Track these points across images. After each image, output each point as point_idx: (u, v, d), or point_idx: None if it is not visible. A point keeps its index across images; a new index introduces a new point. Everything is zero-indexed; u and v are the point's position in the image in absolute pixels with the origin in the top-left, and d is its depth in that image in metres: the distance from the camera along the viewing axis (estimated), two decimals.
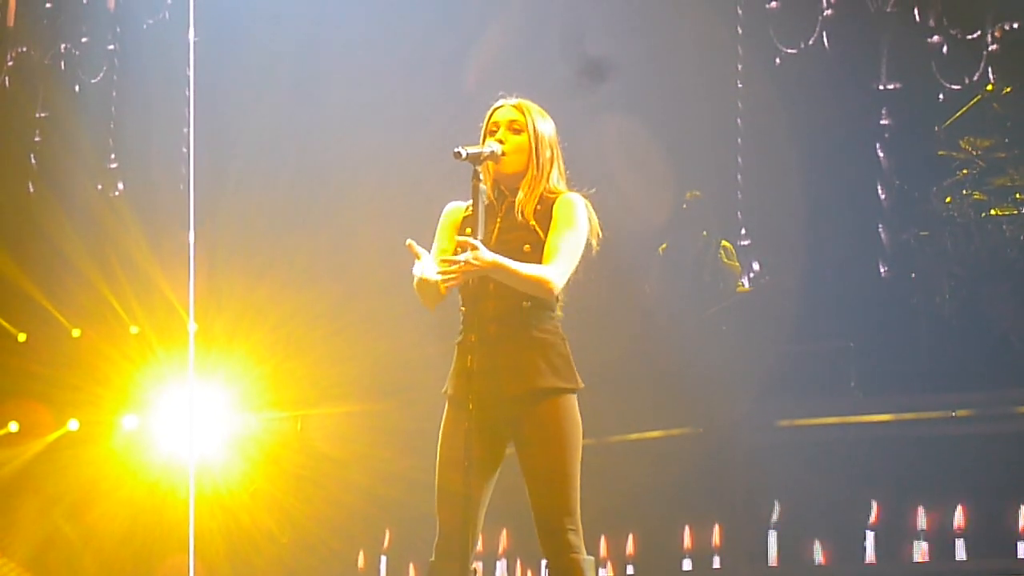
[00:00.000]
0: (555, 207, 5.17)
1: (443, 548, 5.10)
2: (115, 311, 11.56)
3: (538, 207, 5.18)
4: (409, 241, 5.10)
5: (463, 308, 5.15)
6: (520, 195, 5.19)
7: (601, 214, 5.25)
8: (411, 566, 10.30)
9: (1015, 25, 10.26)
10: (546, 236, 5.14)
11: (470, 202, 5.15)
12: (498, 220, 5.19)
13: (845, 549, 9.15)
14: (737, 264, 10.61)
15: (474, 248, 4.95)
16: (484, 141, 5.23)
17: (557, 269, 5.08)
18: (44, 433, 11.74)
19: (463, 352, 5.12)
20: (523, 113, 5.22)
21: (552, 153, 5.24)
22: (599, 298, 10.06)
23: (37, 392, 11.69)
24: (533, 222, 5.16)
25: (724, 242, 10.64)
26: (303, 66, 11.36)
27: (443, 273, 4.99)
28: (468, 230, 5.14)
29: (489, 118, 5.25)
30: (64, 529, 11.51)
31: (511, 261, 5.02)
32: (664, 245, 10.51)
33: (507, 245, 5.12)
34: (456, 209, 5.32)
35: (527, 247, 5.14)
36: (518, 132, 5.21)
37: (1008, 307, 9.63)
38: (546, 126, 5.25)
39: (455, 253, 4.98)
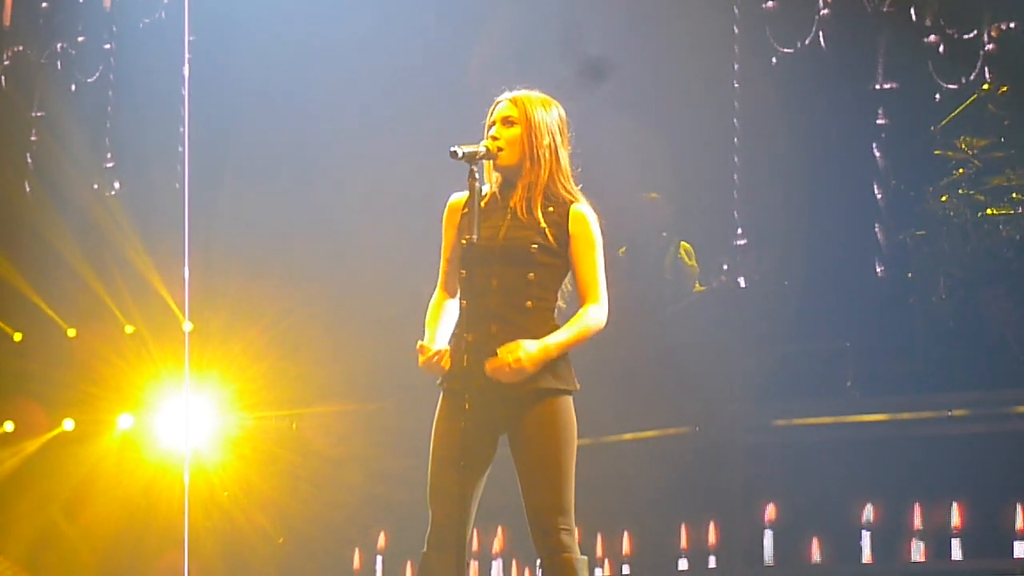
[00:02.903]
0: (571, 221, 5.15)
1: (435, 540, 5.11)
2: (111, 310, 11.56)
3: (550, 208, 5.17)
4: (420, 343, 5.14)
5: (464, 303, 5.11)
6: (520, 189, 5.18)
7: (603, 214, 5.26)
8: (407, 565, 10.29)
9: (1012, 25, 10.25)
10: (554, 239, 5.12)
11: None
12: (507, 217, 5.17)
13: (841, 549, 9.15)
14: (695, 264, 10.60)
15: (517, 357, 4.98)
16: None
17: (602, 304, 5.15)
18: (40, 432, 11.73)
19: (459, 347, 5.11)
20: (517, 106, 5.20)
21: (553, 140, 5.20)
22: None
23: (32, 391, 11.69)
24: (544, 224, 5.14)
25: (683, 243, 10.62)
26: (299, 65, 11.35)
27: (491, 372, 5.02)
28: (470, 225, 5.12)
29: (489, 115, 5.25)
30: (60, 528, 11.50)
31: (556, 337, 5.06)
32: (623, 248, 10.48)
33: (515, 243, 5.12)
34: (456, 204, 5.30)
35: (534, 246, 5.13)
36: (511, 125, 5.20)
37: (1005, 307, 9.62)
38: (545, 115, 5.20)
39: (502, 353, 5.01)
